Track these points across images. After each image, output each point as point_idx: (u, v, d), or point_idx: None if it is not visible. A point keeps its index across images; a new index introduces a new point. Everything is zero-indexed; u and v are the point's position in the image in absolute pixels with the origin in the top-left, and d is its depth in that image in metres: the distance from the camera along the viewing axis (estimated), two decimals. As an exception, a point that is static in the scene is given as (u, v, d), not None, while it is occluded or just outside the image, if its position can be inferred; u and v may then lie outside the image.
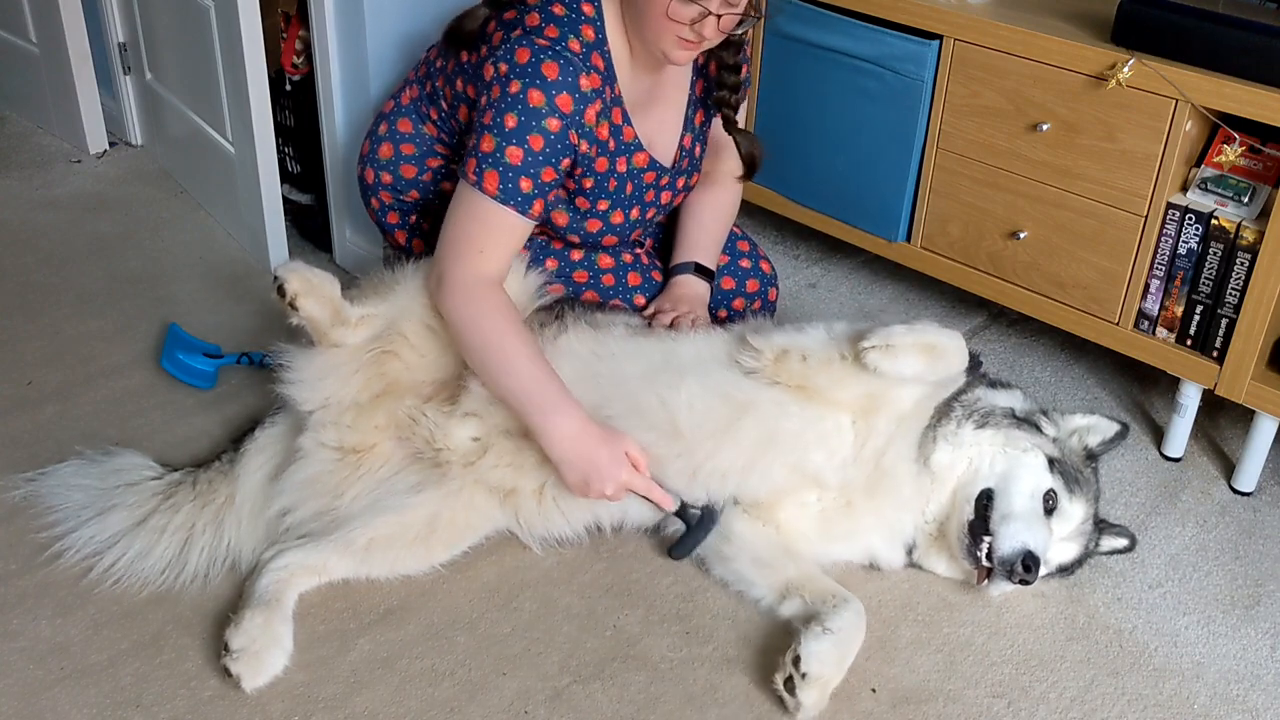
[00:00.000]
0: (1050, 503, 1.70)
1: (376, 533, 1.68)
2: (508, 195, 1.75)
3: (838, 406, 1.70)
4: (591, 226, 1.96)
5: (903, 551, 1.77)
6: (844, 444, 1.71)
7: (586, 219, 1.95)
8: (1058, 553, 1.72)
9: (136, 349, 2.24)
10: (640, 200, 1.98)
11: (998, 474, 1.71)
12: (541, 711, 1.52)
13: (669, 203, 2.05)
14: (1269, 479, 2.04)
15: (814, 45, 2.31)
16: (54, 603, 1.64)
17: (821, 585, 1.68)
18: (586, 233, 1.97)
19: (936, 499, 1.73)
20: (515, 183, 1.74)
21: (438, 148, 2.02)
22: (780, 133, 2.45)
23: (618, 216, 1.97)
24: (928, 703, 1.57)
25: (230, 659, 1.51)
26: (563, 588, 1.73)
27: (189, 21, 2.52)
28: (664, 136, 1.99)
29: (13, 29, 3.09)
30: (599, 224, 1.96)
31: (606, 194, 1.93)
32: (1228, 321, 1.92)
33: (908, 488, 1.71)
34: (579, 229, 1.96)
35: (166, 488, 1.76)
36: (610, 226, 1.97)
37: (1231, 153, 1.91)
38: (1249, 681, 1.64)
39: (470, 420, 1.75)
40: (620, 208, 1.96)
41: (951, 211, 2.22)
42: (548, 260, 1.99)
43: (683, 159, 2.02)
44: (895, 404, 1.70)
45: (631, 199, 1.97)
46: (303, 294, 1.74)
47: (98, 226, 2.70)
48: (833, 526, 1.74)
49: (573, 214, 1.94)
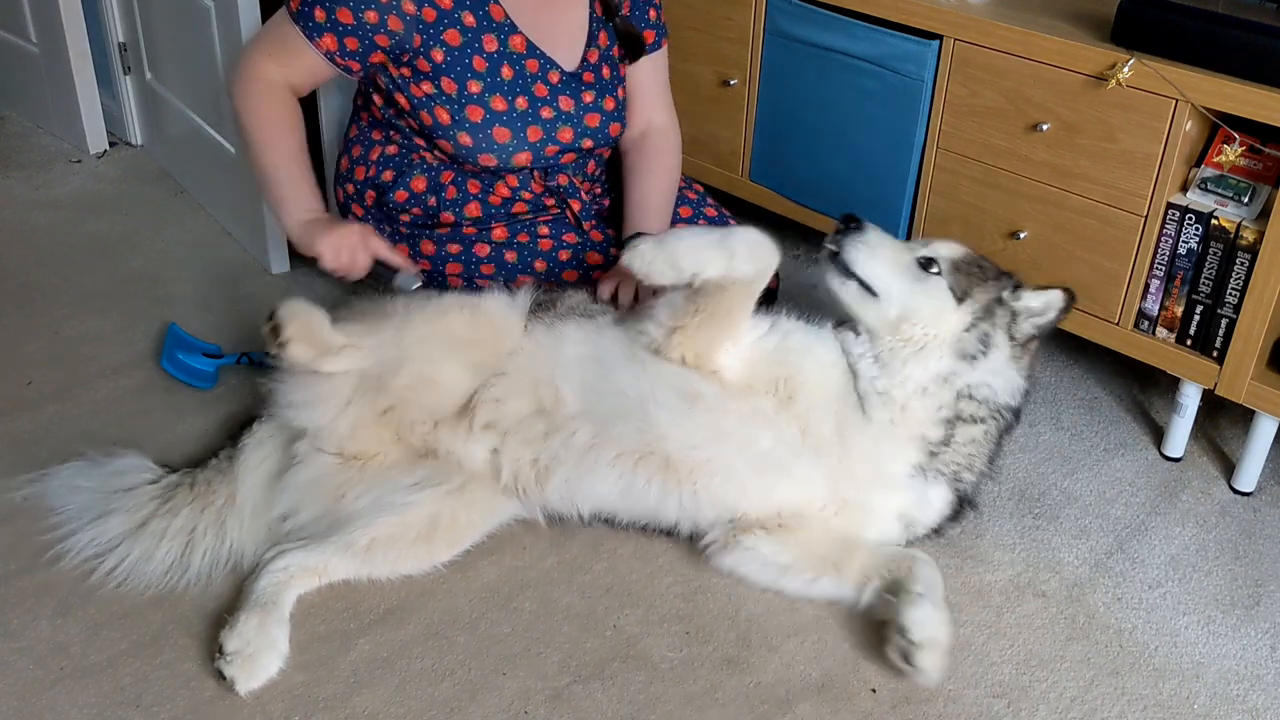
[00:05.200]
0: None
1: (378, 533, 1.68)
2: (301, 16, 1.89)
3: (752, 390, 1.71)
4: (474, 114, 1.94)
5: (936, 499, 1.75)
6: (784, 425, 1.70)
7: (466, 105, 1.93)
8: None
9: (136, 349, 2.24)
10: (528, 92, 1.97)
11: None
12: (541, 711, 1.52)
13: (577, 114, 2.02)
14: (1269, 479, 2.04)
15: (814, 45, 2.31)
16: (54, 603, 1.64)
17: (885, 554, 1.68)
18: (472, 124, 1.94)
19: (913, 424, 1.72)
20: (311, 8, 1.88)
21: (374, 134, 2.05)
22: (780, 133, 2.45)
23: (498, 103, 1.95)
24: (928, 703, 1.57)
25: (224, 662, 1.51)
26: (563, 588, 1.73)
27: (189, 21, 2.52)
28: (562, 39, 2.02)
29: (13, 29, 3.09)
30: (480, 110, 1.94)
31: (474, 74, 1.93)
32: (1228, 321, 1.92)
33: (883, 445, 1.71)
34: (464, 123, 1.94)
35: (163, 491, 1.75)
36: (494, 114, 1.95)
37: (1231, 153, 1.91)
38: (1249, 681, 1.64)
39: (486, 434, 1.75)
40: (499, 93, 1.95)
41: (951, 211, 2.22)
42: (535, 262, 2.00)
43: (584, 71, 2.03)
44: (805, 383, 1.71)
45: (513, 86, 1.96)
46: (297, 339, 1.70)
47: (98, 226, 2.70)
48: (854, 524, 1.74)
49: (449, 106, 1.93)
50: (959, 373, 1.71)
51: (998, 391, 1.74)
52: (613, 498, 1.75)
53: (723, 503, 1.72)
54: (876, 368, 1.73)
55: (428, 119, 1.94)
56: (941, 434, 1.72)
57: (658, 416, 1.69)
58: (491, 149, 1.95)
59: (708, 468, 1.70)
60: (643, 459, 1.71)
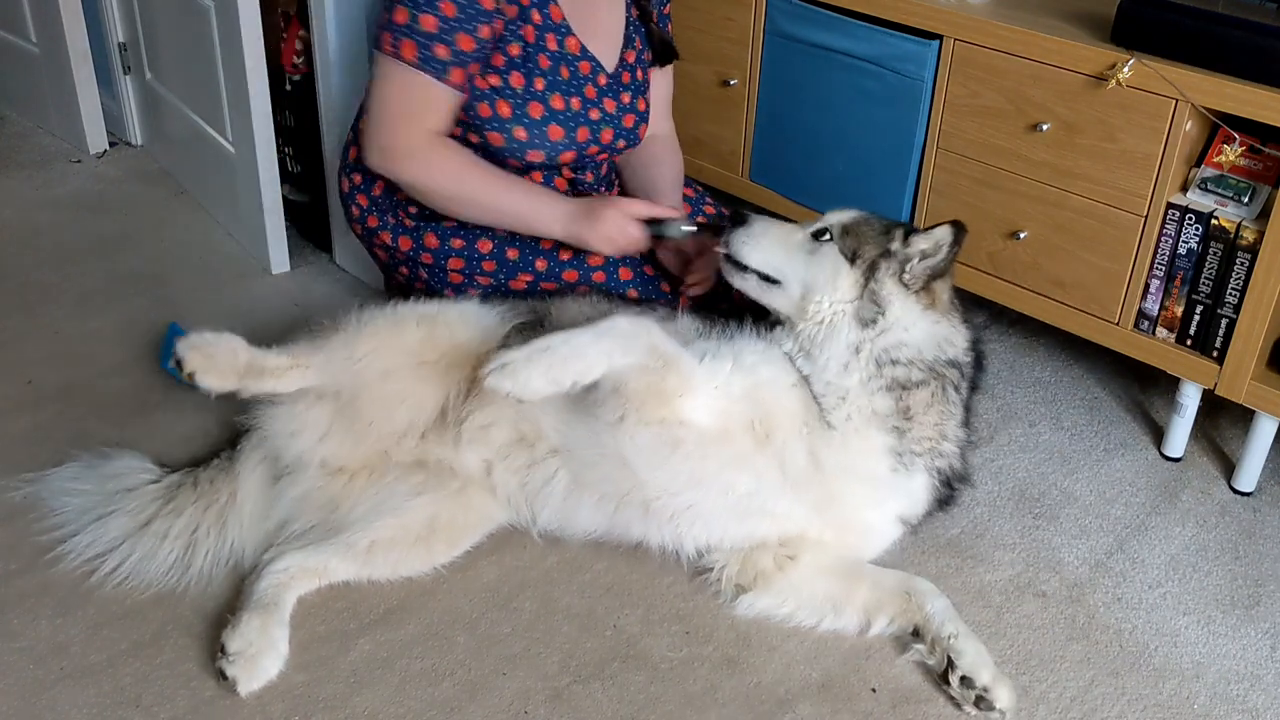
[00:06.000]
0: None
1: (377, 535, 1.69)
2: (425, 62, 1.82)
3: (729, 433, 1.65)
4: (534, 111, 1.94)
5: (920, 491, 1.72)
6: (763, 466, 1.66)
7: (529, 101, 1.93)
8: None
9: (136, 349, 2.24)
10: (579, 91, 1.99)
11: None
12: (541, 711, 1.52)
13: (617, 115, 2.04)
14: (1269, 479, 2.04)
15: (814, 45, 2.31)
16: (54, 603, 1.64)
17: (886, 587, 1.67)
18: (531, 119, 1.94)
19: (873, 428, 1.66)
20: (431, 49, 1.81)
21: None
22: (780, 133, 2.45)
23: (557, 101, 1.96)
24: (928, 703, 1.57)
25: (226, 662, 1.51)
26: (563, 588, 1.73)
27: (189, 21, 2.52)
28: (603, 39, 2.03)
29: (13, 29, 3.10)
30: (540, 108, 1.94)
31: (540, 71, 1.94)
32: (1228, 321, 1.92)
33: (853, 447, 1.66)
34: (523, 118, 1.94)
35: (166, 491, 1.76)
36: (553, 112, 1.96)
37: (1231, 153, 1.91)
38: (1249, 681, 1.64)
39: (476, 445, 1.75)
40: (558, 92, 1.96)
41: (951, 211, 2.22)
42: (537, 261, 2.00)
43: (622, 71, 2.05)
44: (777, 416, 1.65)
45: (570, 86, 1.97)
46: (202, 371, 1.69)
47: (98, 226, 2.70)
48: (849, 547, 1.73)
49: (513, 101, 1.93)
50: (867, 339, 1.66)
51: (921, 348, 1.66)
52: (600, 532, 1.75)
53: (706, 544, 1.72)
54: (807, 363, 1.69)
55: (486, 110, 1.92)
56: (891, 404, 1.65)
57: (635, 463, 1.64)
58: (543, 145, 1.97)
59: (689, 514, 1.68)
60: (623, 502, 1.70)
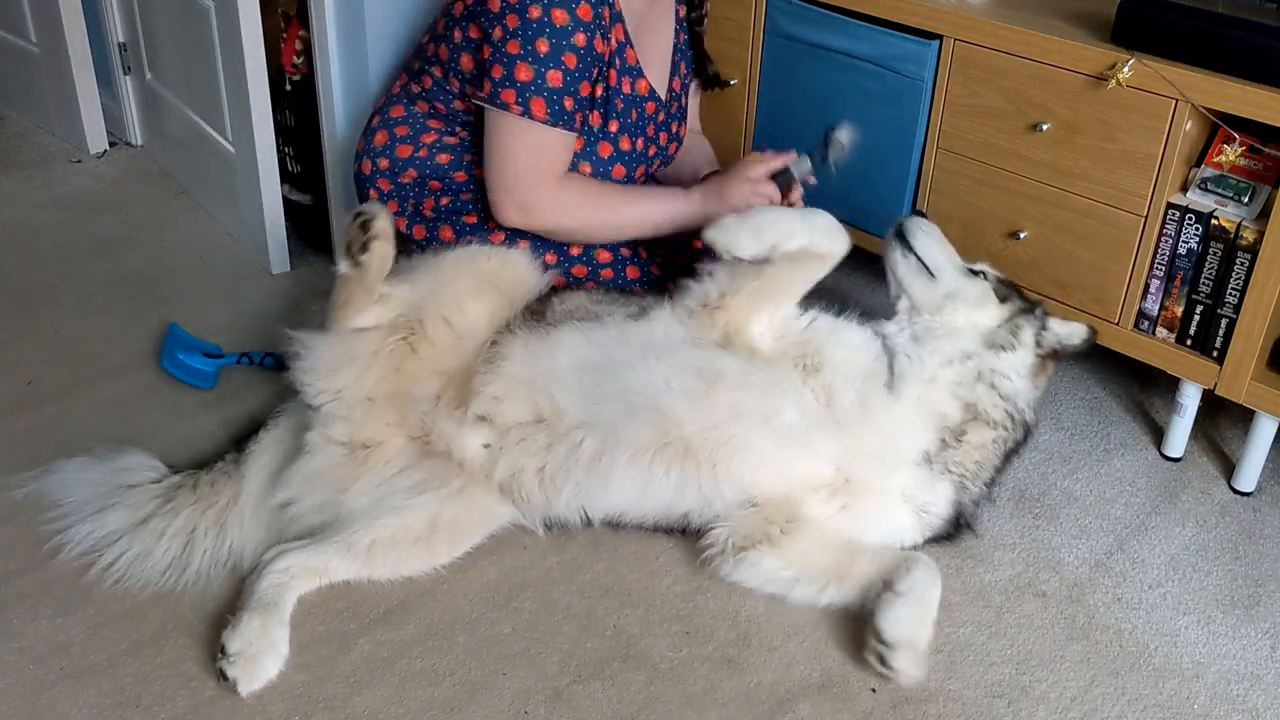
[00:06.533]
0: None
1: (378, 534, 1.68)
2: (556, 117, 1.87)
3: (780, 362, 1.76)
4: (604, 151, 1.99)
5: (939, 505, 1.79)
6: (809, 399, 1.74)
7: (600, 141, 1.98)
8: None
9: (136, 349, 2.24)
10: (643, 131, 2.03)
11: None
12: (541, 711, 1.52)
13: (665, 144, 2.09)
14: (1269, 479, 2.04)
15: (814, 45, 2.31)
16: (54, 602, 1.64)
17: (888, 560, 1.69)
18: (599, 158, 1.99)
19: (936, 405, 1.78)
20: (560, 104, 1.86)
21: (431, 123, 2.04)
22: (780, 133, 2.45)
23: (625, 142, 2.01)
24: (928, 703, 1.57)
25: (227, 662, 1.51)
26: (563, 588, 1.73)
27: (189, 21, 2.52)
28: (658, 68, 2.05)
29: (13, 29, 3.10)
30: (610, 148, 1.99)
31: (615, 113, 1.97)
32: (1228, 321, 1.92)
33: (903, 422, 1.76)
34: (591, 155, 1.98)
35: (166, 490, 1.76)
36: (620, 153, 2.01)
37: (1231, 153, 1.91)
38: (1249, 681, 1.64)
39: (481, 426, 1.75)
40: (627, 133, 2.00)
41: (951, 211, 2.22)
42: (546, 255, 2.00)
43: (672, 101, 2.08)
44: (831, 356, 1.76)
45: (636, 126, 2.01)
46: (382, 237, 1.72)
47: (98, 226, 2.70)
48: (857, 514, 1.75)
49: (588, 135, 1.97)
50: (984, 357, 1.80)
51: (1015, 396, 1.81)
52: (629, 498, 1.75)
53: (741, 482, 1.73)
54: (912, 343, 1.82)
55: None
56: (959, 416, 1.77)
57: (673, 404, 1.70)
58: (597, 166, 2.01)
59: (728, 446, 1.71)
60: (660, 451, 1.71)
